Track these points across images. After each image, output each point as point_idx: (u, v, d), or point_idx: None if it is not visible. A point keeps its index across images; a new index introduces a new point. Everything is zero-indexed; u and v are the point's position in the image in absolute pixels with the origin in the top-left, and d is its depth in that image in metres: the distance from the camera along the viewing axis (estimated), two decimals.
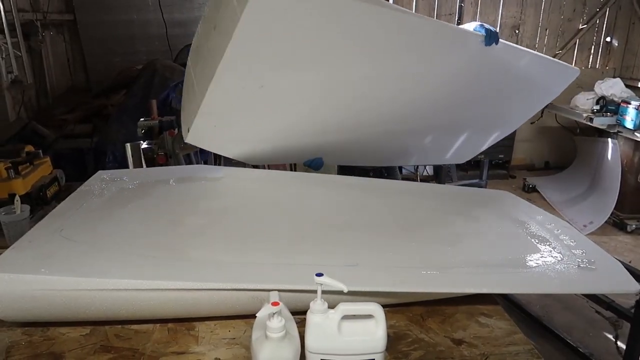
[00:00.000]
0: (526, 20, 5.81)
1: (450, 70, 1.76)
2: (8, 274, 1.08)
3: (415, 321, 1.23)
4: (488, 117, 2.13)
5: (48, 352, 1.09)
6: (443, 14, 5.67)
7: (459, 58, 1.76)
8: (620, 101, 4.46)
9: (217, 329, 1.18)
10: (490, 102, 2.01)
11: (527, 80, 2.01)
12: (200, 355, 1.09)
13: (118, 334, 1.15)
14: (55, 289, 1.08)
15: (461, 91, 1.86)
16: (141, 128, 2.54)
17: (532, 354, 1.12)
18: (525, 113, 2.28)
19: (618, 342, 2.81)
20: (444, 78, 1.78)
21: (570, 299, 3.21)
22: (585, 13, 5.85)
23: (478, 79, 1.86)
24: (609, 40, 5.99)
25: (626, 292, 1.28)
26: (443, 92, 1.82)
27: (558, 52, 5.92)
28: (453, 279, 1.23)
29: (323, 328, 0.95)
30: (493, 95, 1.98)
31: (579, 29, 5.89)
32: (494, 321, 1.24)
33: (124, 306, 1.13)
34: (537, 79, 2.02)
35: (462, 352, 1.12)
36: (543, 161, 6.18)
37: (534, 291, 1.23)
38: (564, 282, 1.26)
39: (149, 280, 1.10)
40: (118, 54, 4.86)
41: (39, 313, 1.12)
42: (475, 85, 1.87)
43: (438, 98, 1.84)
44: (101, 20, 4.79)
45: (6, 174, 1.75)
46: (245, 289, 1.13)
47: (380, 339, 0.95)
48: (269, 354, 0.92)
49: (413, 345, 1.14)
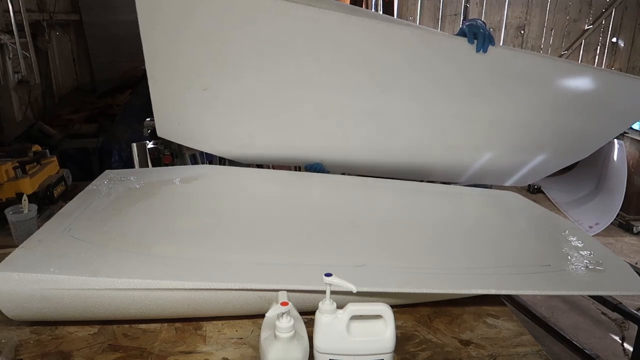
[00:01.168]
0: (531, 21, 5.80)
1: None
2: (18, 273, 1.08)
3: (423, 322, 1.23)
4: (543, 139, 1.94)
5: (56, 350, 1.10)
6: (448, 14, 5.66)
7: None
8: None
9: (225, 328, 1.18)
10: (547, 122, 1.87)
11: (593, 99, 1.85)
12: (208, 355, 1.09)
13: (126, 333, 1.15)
14: (65, 288, 1.09)
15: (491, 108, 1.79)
16: (147, 128, 2.54)
17: (540, 356, 1.12)
18: (599, 137, 2.01)
19: (625, 344, 2.80)
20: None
21: (576, 300, 3.20)
22: (591, 13, 5.83)
23: (515, 96, 1.78)
24: (614, 41, 5.97)
25: (634, 294, 1.27)
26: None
27: (563, 52, 5.90)
28: (460, 280, 1.23)
29: (332, 328, 0.95)
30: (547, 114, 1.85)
31: (584, 29, 5.87)
32: (501, 322, 1.24)
33: (132, 306, 1.13)
34: (604, 97, 1.85)
35: (470, 353, 1.12)
36: None
37: (542, 293, 1.22)
38: (572, 283, 1.25)
39: (157, 280, 1.10)
40: (123, 54, 4.87)
41: (48, 312, 1.13)
42: (522, 104, 1.79)
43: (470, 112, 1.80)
44: (107, 20, 4.81)
45: (14, 174, 1.75)
46: (253, 289, 1.13)
47: (389, 339, 0.95)
48: (278, 353, 0.92)
49: (421, 346, 1.14)
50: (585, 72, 1.81)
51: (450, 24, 5.70)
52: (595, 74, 1.81)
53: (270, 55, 1.59)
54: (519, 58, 1.73)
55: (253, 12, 1.53)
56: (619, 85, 1.83)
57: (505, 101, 1.77)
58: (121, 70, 4.69)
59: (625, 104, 1.88)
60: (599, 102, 1.85)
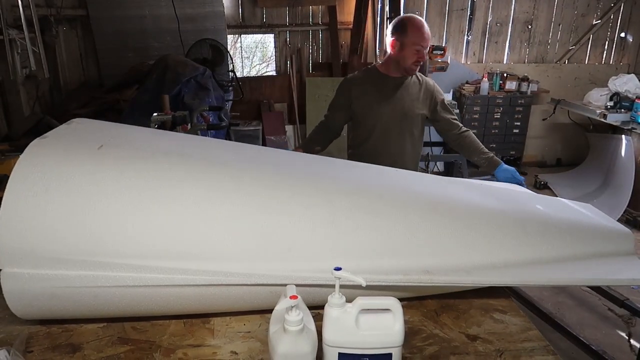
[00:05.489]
0: (539, 16, 5.76)
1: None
2: (27, 270, 1.07)
3: (430, 317, 1.23)
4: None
5: (67, 343, 1.11)
6: (455, 9, 5.64)
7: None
8: (634, 97, 4.41)
9: (233, 322, 1.19)
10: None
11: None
12: (216, 349, 1.10)
13: (135, 327, 1.16)
14: (75, 285, 1.08)
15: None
16: (154, 122, 2.55)
17: (548, 351, 1.12)
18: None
19: (631, 340, 2.80)
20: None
21: (583, 296, 3.19)
22: (599, 8, 5.79)
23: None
24: (623, 36, 5.93)
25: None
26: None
27: (571, 47, 5.87)
28: (482, 271, 1.23)
29: (341, 322, 0.95)
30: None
31: (592, 24, 5.83)
32: (508, 317, 1.24)
33: (142, 302, 1.13)
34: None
35: (477, 347, 1.12)
36: (555, 158, 6.13)
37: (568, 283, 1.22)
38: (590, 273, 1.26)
39: (167, 275, 1.10)
40: (130, 49, 4.89)
41: (57, 310, 1.12)
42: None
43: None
44: (113, 16, 4.83)
45: None
46: (262, 283, 1.12)
47: (397, 333, 0.95)
48: (287, 347, 0.92)
49: (428, 340, 1.14)
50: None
51: (456, 19, 5.67)
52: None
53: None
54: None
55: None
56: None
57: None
58: (128, 65, 4.70)
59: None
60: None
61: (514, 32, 5.81)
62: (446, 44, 5.59)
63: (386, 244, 1.21)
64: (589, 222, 1.51)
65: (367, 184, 1.39)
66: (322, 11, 5.49)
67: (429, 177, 1.63)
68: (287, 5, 5.35)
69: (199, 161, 1.25)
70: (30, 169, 1.09)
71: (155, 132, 1.75)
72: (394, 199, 1.31)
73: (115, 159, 1.17)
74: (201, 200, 1.15)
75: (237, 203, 1.17)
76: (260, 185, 1.21)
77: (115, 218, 1.10)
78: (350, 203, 1.24)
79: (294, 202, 1.20)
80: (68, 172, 1.11)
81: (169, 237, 1.11)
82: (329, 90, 5.49)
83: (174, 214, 1.13)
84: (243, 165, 1.30)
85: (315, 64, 5.66)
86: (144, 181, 1.14)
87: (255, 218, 1.16)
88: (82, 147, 1.18)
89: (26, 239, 1.06)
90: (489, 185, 1.75)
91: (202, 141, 1.55)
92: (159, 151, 1.25)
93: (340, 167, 1.54)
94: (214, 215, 1.15)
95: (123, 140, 1.28)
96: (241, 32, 5.46)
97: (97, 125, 1.39)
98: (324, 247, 1.17)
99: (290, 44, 5.55)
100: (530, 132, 5.65)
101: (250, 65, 5.85)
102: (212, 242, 1.13)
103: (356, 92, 2.37)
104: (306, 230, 1.17)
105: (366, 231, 1.21)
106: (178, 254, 1.11)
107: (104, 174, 1.13)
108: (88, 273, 1.08)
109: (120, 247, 1.09)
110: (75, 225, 1.08)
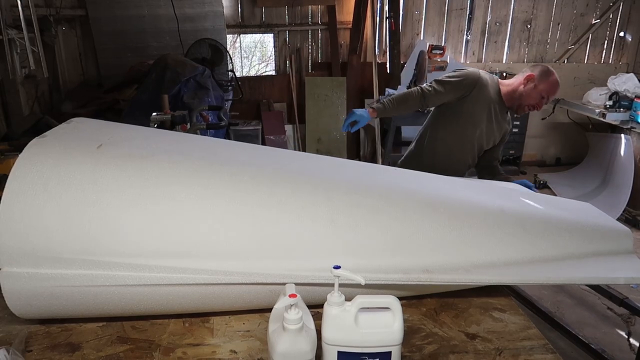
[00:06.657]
0: (538, 15, 5.76)
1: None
2: (27, 270, 1.07)
3: (429, 315, 1.23)
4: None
5: (66, 342, 1.11)
6: (454, 8, 5.63)
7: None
8: (633, 97, 4.40)
9: (232, 321, 1.19)
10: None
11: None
12: (216, 347, 1.10)
13: (134, 326, 1.16)
14: (74, 285, 1.08)
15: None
16: (154, 122, 2.55)
17: (547, 349, 1.12)
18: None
19: (631, 339, 2.80)
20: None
21: (582, 295, 3.19)
22: (598, 8, 5.79)
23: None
24: (622, 35, 5.93)
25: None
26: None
27: (570, 47, 5.87)
28: (483, 270, 1.23)
29: (340, 320, 0.95)
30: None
31: (591, 23, 5.83)
32: (507, 316, 1.24)
33: (142, 302, 1.13)
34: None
35: (477, 346, 1.12)
36: (554, 157, 6.13)
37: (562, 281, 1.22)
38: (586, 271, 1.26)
39: (167, 274, 1.10)
40: (129, 49, 4.88)
41: (57, 309, 1.13)
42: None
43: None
44: (113, 15, 4.82)
45: None
46: (262, 282, 1.13)
47: (397, 331, 0.95)
48: (286, 345, 0.92)
49: (427, 339, 1.15)
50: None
51: (456, 18, 5.67)
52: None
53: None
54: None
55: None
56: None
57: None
58: (127, 65, 4.69)
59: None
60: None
61: (513, 32, 5.81)
62: (445, 44, 5.59)
63: (386, 243, 1.21)
64: (588, 221, 1.51)
65: (366, 182, 1.39)
66: (321, 11, 5.49)
67: (429, 175, 1.63)
68: (287, 4, 5.35)
69: (198, 160, 1.25)
70: (30, 168, 1.10)
71: (154, 132, 1.75)
72: (393, 197, 1.32)
73: (114, 158, 1.17)
74: (200, 199, 1.15)
75: (236, 202, 1.17)
76: (259, 184, 1.22)
77: (114, 217, 1.10)
78: (350, 201, 1.24)
79: (294, 200, 1.20)
80: (67, 171, 1.11)
81: (168, 236, 1.11)
82: (328, 89, 5.49)
83: (174, 213, 1.13)
84: (242, 165, 1.30)
85: (314, 63, 5.65)
86: (143, 180, 1.14)
87: (254, 217, 1.16)
88: (81, 147, 1.18)
89: (25, 238, 1.06)
90: (489, 184, 1.76)
91: (202, 141, 1.55)
92: (158, 150, 1.26)
93: (340, 166, 1.54)
94: (214, 214, 1.15)
95: (122, 139, 1.29)
96: (240, 31, 5.46)
97: (96, 125, 1.39)
98: (324, 246, 1.17)
99: (290, 43, 5.55)
100: (530, 131, 5.65)
101: (250, 65, 5.85)
102: (211, 241, 1.13)
103: (476, 92, 2.31)
104: (306, 229, 1.18)
105: (366, 230, 1.21)
106: (177, 253, 1.11)
107: (103, 173, 1.13)
108: (87, 272, 1.08)
109: (119, 246, 1.09)
110: (74, 225, 1.08)
